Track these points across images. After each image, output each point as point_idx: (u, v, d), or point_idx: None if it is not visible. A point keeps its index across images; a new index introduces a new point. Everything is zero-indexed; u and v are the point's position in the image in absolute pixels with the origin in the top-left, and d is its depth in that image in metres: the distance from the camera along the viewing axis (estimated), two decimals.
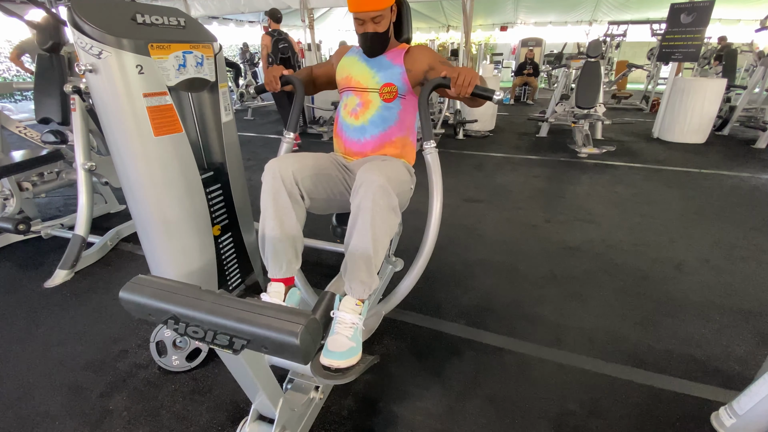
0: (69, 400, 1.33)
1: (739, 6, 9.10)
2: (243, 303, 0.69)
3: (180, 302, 0.69)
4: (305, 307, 1.47)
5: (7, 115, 2.63)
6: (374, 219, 1.05)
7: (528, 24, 11.74)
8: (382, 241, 1.09)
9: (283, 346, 0.64)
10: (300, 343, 0.62)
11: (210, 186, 1.47)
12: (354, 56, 1.42)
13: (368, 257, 1.07)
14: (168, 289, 0.71)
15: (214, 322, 0.67)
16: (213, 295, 0.71)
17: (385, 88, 1.33)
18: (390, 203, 1.08)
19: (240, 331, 0.65)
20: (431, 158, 1.27)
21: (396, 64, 1.34)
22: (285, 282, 1.20)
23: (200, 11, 7.81)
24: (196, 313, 0.67)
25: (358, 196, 1.07)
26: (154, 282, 0.74)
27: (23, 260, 2.25)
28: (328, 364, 1.01)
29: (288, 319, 0.64)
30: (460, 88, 1.13)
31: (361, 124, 1.36)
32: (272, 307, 0.67)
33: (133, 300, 0.72)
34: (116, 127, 1.22)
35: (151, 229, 1.37)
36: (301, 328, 0.63)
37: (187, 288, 0.72)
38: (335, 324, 1.09)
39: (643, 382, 1.38)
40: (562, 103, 5.43)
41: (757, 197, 3.12)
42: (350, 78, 1.39)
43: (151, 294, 0.71)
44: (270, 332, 0.63)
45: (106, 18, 1.12)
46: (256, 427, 1.04)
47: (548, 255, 2.25)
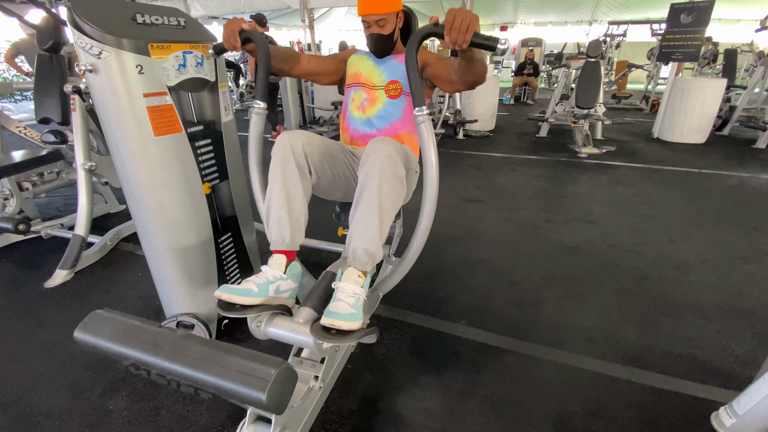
0: (69, 400, 1.33)
1: (739, 6, 9.10)
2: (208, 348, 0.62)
3: (139, 347, 0.62)
4: (307, 282, 1.46)
5: (7, 115, 2.63)
6: (381, 187, 1.06)
7: (528, 24, 11.75)
8: (389, 210, 1.09)
9: (250, 401, 0.58)
10: (267, 398, 0.56)
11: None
12: (363, 55, 1.48)
13: (374, 226, 1.07)
14: (126, 332, 0.65)
15: (176, 371, 0.60)
16: (174, 336, 0.64)
17: (391, 86, 1.38)
18: (397, 173, 1.09)
19: (204, 383, 0.60)
20: (425, 127, 1.10)
21: (402, 63, 1.38)
22: (287, 255, 1.18)
23: (200, 11, 7.81)
24: (156, 360, 0.61)
25: (365, 166, 1.08)
26: (111, 321, 0.67)
27: (23, 260, 2.25)
28: (329, 324, 0.98)
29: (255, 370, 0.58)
30: (457, 34, 0.95)
31: (367, 118, 1.41)
32: (240, 353, 0.61)
33: (89, 341, 0.65)
34: (116, 127, 1.22)
35: (151, 229, 1.37)
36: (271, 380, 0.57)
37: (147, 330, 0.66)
38: (337, 292, 1.08)
39: (643, 382, 1.38)
40: (562, 103, 5.43)
41: (757, 197, 3.12)
42: (359, 74, 1.44)
43: (108, 336, 0.65)
44: (236, 386, 0.58)
45: (106, 18, 1.12)
46: (256, 427, 1.04)
47: (548, 255, 2.25)
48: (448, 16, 0.96)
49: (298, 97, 5.90)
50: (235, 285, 1.07)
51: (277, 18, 11.62)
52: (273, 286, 1.11)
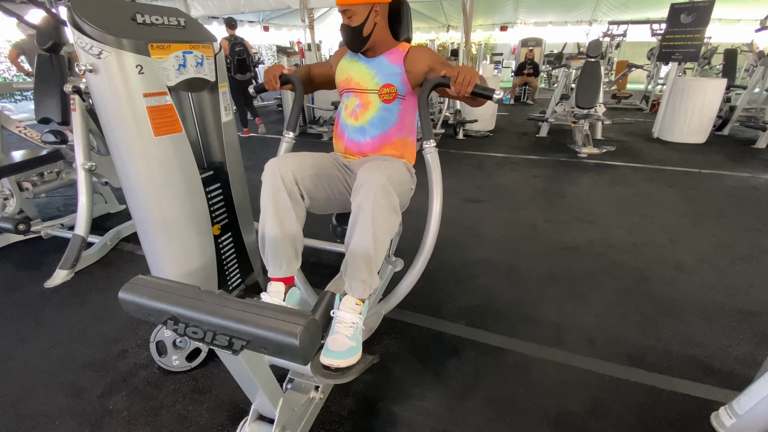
0: (69, 400, 1.33)
1: (739, 6, 9.10)
2: (242, 303, 0.68)
3: (179, 303, 0.69)
4: (305, 306, 1.47)
5: (7, 115, 2.63)
6: (375, 219, 1.05)
7: (528, 24, 11.74)
8: (383, 240, 1.09)
9: (282, 347, 0.64)
10: (299, 343, 0.62)
11: (210, 186, 1.46)
12: (353, 57, 1.42)
13: (369, 257, 1.08)
14: (167, 290, 0.71)
15: (213, 322, 0.66)
16: (212, 295, 0.70)
17: (384, 89, 1.33)
18: (391, 203, 1.08)
19: (239, 331, 0.65)
20: (431, 158, 1.27)
21: (395, 65, 1.34)
22: (285, 281, 1.20)
23: (200, 11, 7.81)
24: (195, 313, 0.67)
25: (359, 196, 1.07)
26: (153, 282, 0.74)
27: (23, 260, 2.25)
28: (328, 364, 1.01)
29: (287, 319, 0.64)
30: (460, 86, 1.13)
31: (360, 125, 1.36)
32: (272, 308, 0.67)
33: (132, 300, 0.72)
34: (116, 127, 1.22)
35: (151, 229, 1.37)
36: (301, 328, 0.62)
37: (187, 288, 0.72)
38: (335, 323, 1.09)
39: (643, 382, 1.38)
40: (562, 103, 5.43)
41: (757, 197, 3.12)
42: (350, 80, 1.39)
43: (150, 294, 0.71)
44: (269, 333, 0.63)
45: (106, 18, 1.12)
46: (256, 427, 1.04)
47: (548, 255, 2.25)
48: (452, 72, 1.14)
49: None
50: None
51: (277, 18, 11.62)
52: None
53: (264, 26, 11.46)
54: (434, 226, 1.27)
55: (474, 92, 1.15)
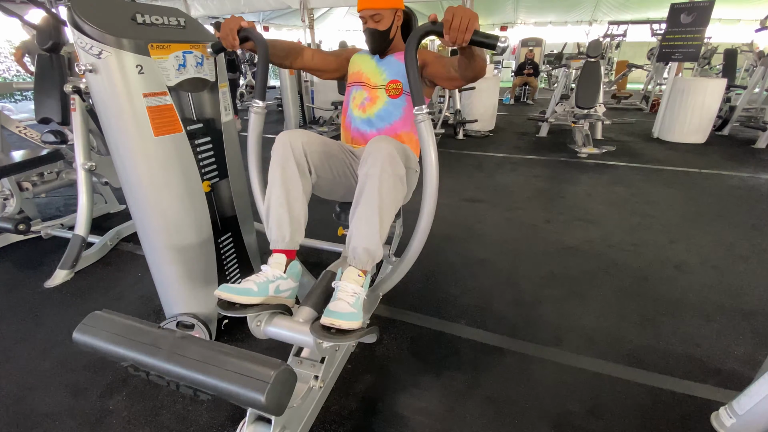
0: (69, 400, 1.33)
1: (739, 6, 9.10)
2: (205, 349, 0.62)
3: (138, 348, 0.63)
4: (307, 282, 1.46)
5: (7, 115, 2.63)
6: (381, 186, 1.06)
7: (528, 24, 11.75)
8: (389, 209, 1.09)
9: (249, 402, 0.59)
10: (266, 400, 0.57)
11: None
12: (366, 55, 1.48)
13: (374, 225, 1.07)
14: (125, 333, 0.66)
15: (175, 372, 0.61)
16: (173, 339, 0.65)
17: (391, 85, 1.38)
18: (397, 172, 1.09)
19: (203, 384, 0.60)
20: (424, 126, 1.09)
21: (403, 63, 1.37)
22: (287, 254, 1.18)
23: (200, 11, 7.81)
24: (155, 361, 0.62)
25: (366, 165, 1.08)
26: (110, 322, 0.68)
27: (23, 260, 2.25)
28: (329, 323, 0.98)
29: (254, 371, 0.59)
30: (456, 33, 0.94)
31: (367, 117, 1.41)
32: (238, 355, 0.61)
33: (88, 342, 0.66)
34: (116, 127, 1.22)
35: (151, 229, 1.37)
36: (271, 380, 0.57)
37: (146, 331, 0.66)
38: (337, 291, 1.08)
39: (643, 382, 1.38)
40: (562, 103, 5.43)
41: (757, 197, 3.12)
42: (361, 73, 1.45)
43: (107, 337, 0.65)
44: (235, 387, 0.58)
45: (106, 18, 1.12)
46: (257, 427, 1.04)
47: (548, 255, 2.25)
48: (447, 15, 0.94)
49: (298, 97, 5.90)
50: (235, 284, 1.07)
51: (277, 18, 11.63)
52: (273, 286, 1.11)
53: (264, 26, 11.46)
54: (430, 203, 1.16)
55: (473, 40, 0.95)
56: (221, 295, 1.04)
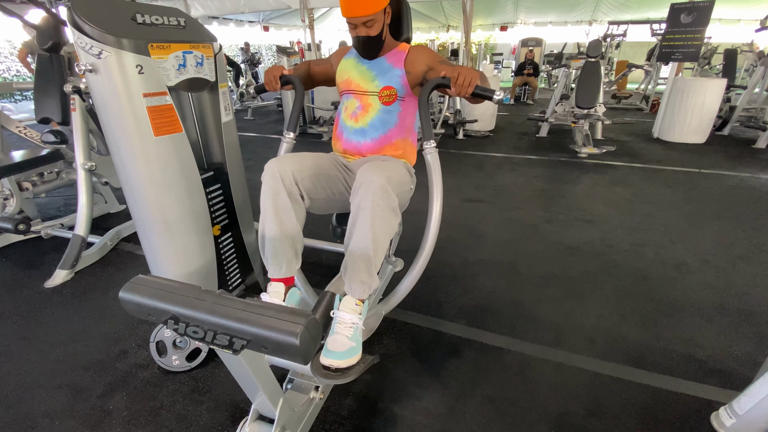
0: (69, 400, 1.33)
1: (739, 6, 9.10)
2: (243, 303, 0.68)
3: (179, 302, 0.69)
4: (305, 307, 1.47)
5: (7, 115, 2.63)
6: (374, 219, 1.05)
7: (528, 24, 11.74)
8: (382, 241, 1.09)
9: (282, 346, 0.63)
10: (300, 343, 0.62)
11: (210, 186, 1.46)
12: (353, 58, 1.41)
13: (368, 257, 1.08)
14: (168, 289, 0.71)
15: (213, 322, 0.66)
16: (213, 295, 0.71)
17: (385, 92, 1.33)
18: (390, 204, 1.08)
19: (239, 331, 0.65)
20: (431, 158, 1.27)
21: (396, 68, 1.34)
22: (285, 282, 1.20)
23: (200, 11, 7.81)
24: (195, 313, 0.67)
25: (357, 197, 1.07)
26: (153, 282, 0.74)
27: (23, 260, 2.25)
28: (328, 364, 1.01)
29: (288, 319, 0.64)
30: (461, 88, 1.14)
31: (360, 127, 1.36)
32: (272, 307, 0.67)
33: (132, 300, 0.71)
34: (116, 127, 1.22)
35: (151, 229, 1.37)
36: (301, 328, 0.62)
37: (187, 288, 0.72)
38: (335, 324, 1.09)
39: (643, 382, 1.38)
40: (562, 103, 5.43)
41: (757, 197, 3.12)
42: (350, 81, 1.39)
43: (151, 294, 0.71)
44: (270, 332, 0.63)
45: (106, 18, 1.12)
46: (257, 427, 1.04)
47: (548, 255, 2.25)
48: (453, 73, 1.14)
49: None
50: None
51: (277, 18, 11.63)
52: None
53: (264, 26, 11.46)
54: (434, 227, 1.28)
55: (474, 93, 1.15)
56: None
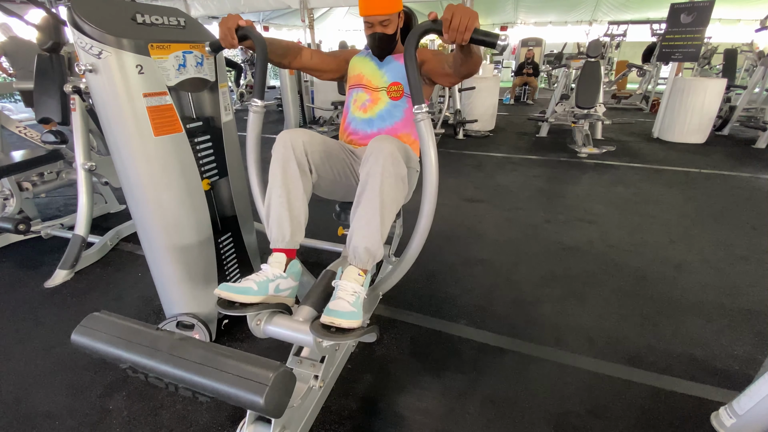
0: (69, 400, 1.33)
1: (739, 6, 9.11)
2: (206, 351, 0.63)
3: (137, 350, 0.63)
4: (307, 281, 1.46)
5: (7, 115, 2.63)
6: (383, 185, 1.06)
7: (528, 24, 11.75)
8: (390, 209, 1.10)
9: (249, 404, 0.59)
10: (265, 402, 0.57)
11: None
12: (365, 57, 1.48)
13: (375, 224, 1.07)
14: (123, 334, 0.66)
15: (174, 375, 0.61)
16: (172, 340, 0.65)
17: (393, 87, 1.39)
18: (399, 172, 1.10)
19: (202, 387, 0.61)
20: (424, 125, 1.09)
21: (403, 64, 1.36)
22: (287, 253, 1.17)
23: (200, 11, 7.81)
24: (153, 363, 0.62)
25: (367, 164, 1.08)
26: (109, 323, 0.68)
27: (23, 260, 2.25)
28: (329, 322, 0.97)
29: (253, 374, 0.59)
30: (455, 33, 0.93)
31: (368, 117, 1.42)
32: (237, 357, 0.62)
33: (87, 345, 0.66)
34: (116, 127, 1.22)
35: (151, 229, 1.37)
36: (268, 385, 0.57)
37: (145, 333, 0.67)
38: (337, 290, 1.07)
39: (643, 382, 1.38)
40: (562, 103, 5.43)
41: (757, 197, 3.12)
42: (362, 76, 1.45)
43: (106, 339, 0.66)
44: (233, 389, 0.59)
45: (106, 18, 1.12)
46: (257, 426, 1.04)
47: (548, 255, 2.25)
48: (446, 14, 0.93)
49: (298, 97, 5.90)
50: (235, 283, 1.07)
51: (277, 18, 11.63)
52: (273, 285, 1.10)
53: (264, 26, 11.46)
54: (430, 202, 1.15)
55: (474, 39, 0.94)
56: (221, 294, 1.03)
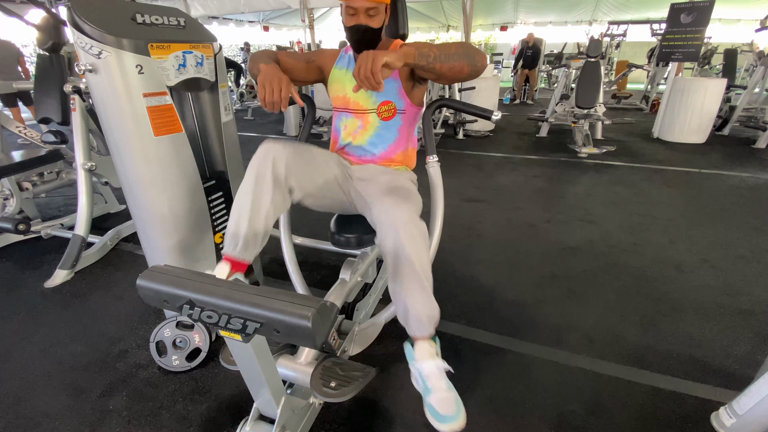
0: (69, 400, 1.33)
1: (739, 6, 9.10)
2: (256, 288, 0.71)
3: (195, 288, 0.71)
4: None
5: (7, 115, 2.63)
6: (414, 255, 1.01)
7: (528, 24, 11.74)
8: (427, 265, 1.05)
9: (295, 329, 0.66)
10: (312, 326, 0.64)
11: (209, 185, 1.46)
12: (345, 69, 1.29)
13: (424, 289, 1.04)
14: (184, 276, 0.74)
15: (227, 306, 0.69)
16: (226, 282, 0.74)
17: (383, 107, 1.25)
18: (421, 230, 1.04)
19: (253, 314, 0.68)
20: (433, 171, 1.31)
21: (391, 79, 1.22)
22: (234, 265, 1.09)
23: (200, 11, 7.81)
24: (210, 298, 0.70)
25: (389, 239, 1.02)
26: (170, 270, 0.77)
27: (23, 260, 2.25)
28: (448, 431, 0.97)
29: (300, 302, 0.67)
30: (366, 82, 0.96)
31: (359, 145, 1.32)
32: (285, 293, 0.70)
33: (149, 287, 0.74)
34: (116, 127, 1.22)
35: (150, 229, 1.37)
36: (313, 311, 0.65)
37: (202, 276, 0.76)
38: (425, 380, 1.05)
39: (643, 382, 1.38)
40: (562, 103, 5.43)
41: (757, 197, 3.12)
42: (347, 99, 1.29)
43: (167, 281, 0.74)
44: (282, 316, 0.66)
45: (106, 18, 1.12)
46: (257, 426, 1.04)
47: (548, 255, 2.25)
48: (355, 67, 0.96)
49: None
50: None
51: (277, 18, 11.63)
52: None
53: (264, 26, 11.47)
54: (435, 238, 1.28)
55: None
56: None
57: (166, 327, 1.41)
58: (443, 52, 1.05)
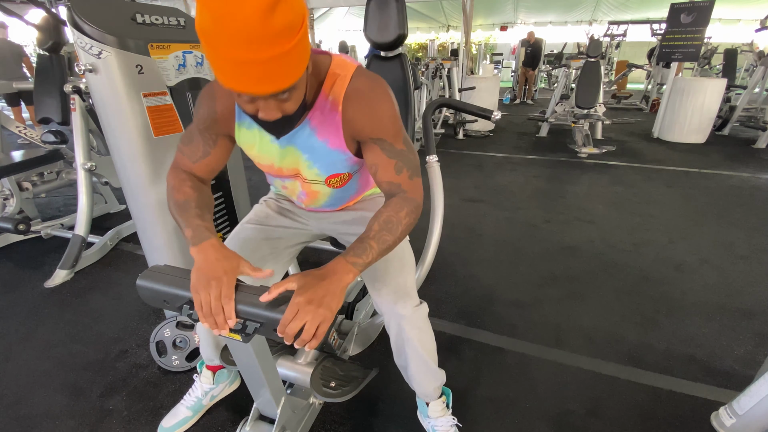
0: (69, 400, 1.33)
1: (739, 6, 9.11)
2: (256, 288, 0.71)
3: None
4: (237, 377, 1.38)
5: (7, 115, 2.63)
6: (422, 342, 1.00)
7: (528, 24, 11.75)
8: (432, 349, 1.05)
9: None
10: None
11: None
12: (257, 130, 0.83)
13: (430, 370, 1.06)
14: (184, 276, 0.74)
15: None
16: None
17: (333, 179, 0.92)
18: (423, 314, 1.00)
19: (253, 314, 0.69)
20: (433, 171, 1.33)
21: (335, 150, 0.83)
22: (213, 370, 1.25)
23: None
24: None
25: (392, 328, 0.99)
26: (170, 270, 0.77)
27: (23, 260, 2.25)
28: None
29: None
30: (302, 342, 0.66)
31: (312, 207, 1.06)
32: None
33: (149, 287, 0.74)
34: (116, 127, 1.22)
35: (150, 230, 1.37)
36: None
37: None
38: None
39: (643, 382, 1.38)
40: (562, 103, 5.43)
41: (757, 197, 3.12)
42: (273, 166, 0.91)
43: (167, 281, 0.74)
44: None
45: (106, 18, 1.12)
46: (257, 426, 1.04)
47: (548, 255, 2.25)
48: (287, 313, 0.65)
49: None
50: (170, 418, 1.20)
51: None
52: (207, 397, 1.24)
53: None
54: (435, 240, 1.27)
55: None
56: None
57: (166, 327, 1.41)
58: (381, 241, 0.77)
